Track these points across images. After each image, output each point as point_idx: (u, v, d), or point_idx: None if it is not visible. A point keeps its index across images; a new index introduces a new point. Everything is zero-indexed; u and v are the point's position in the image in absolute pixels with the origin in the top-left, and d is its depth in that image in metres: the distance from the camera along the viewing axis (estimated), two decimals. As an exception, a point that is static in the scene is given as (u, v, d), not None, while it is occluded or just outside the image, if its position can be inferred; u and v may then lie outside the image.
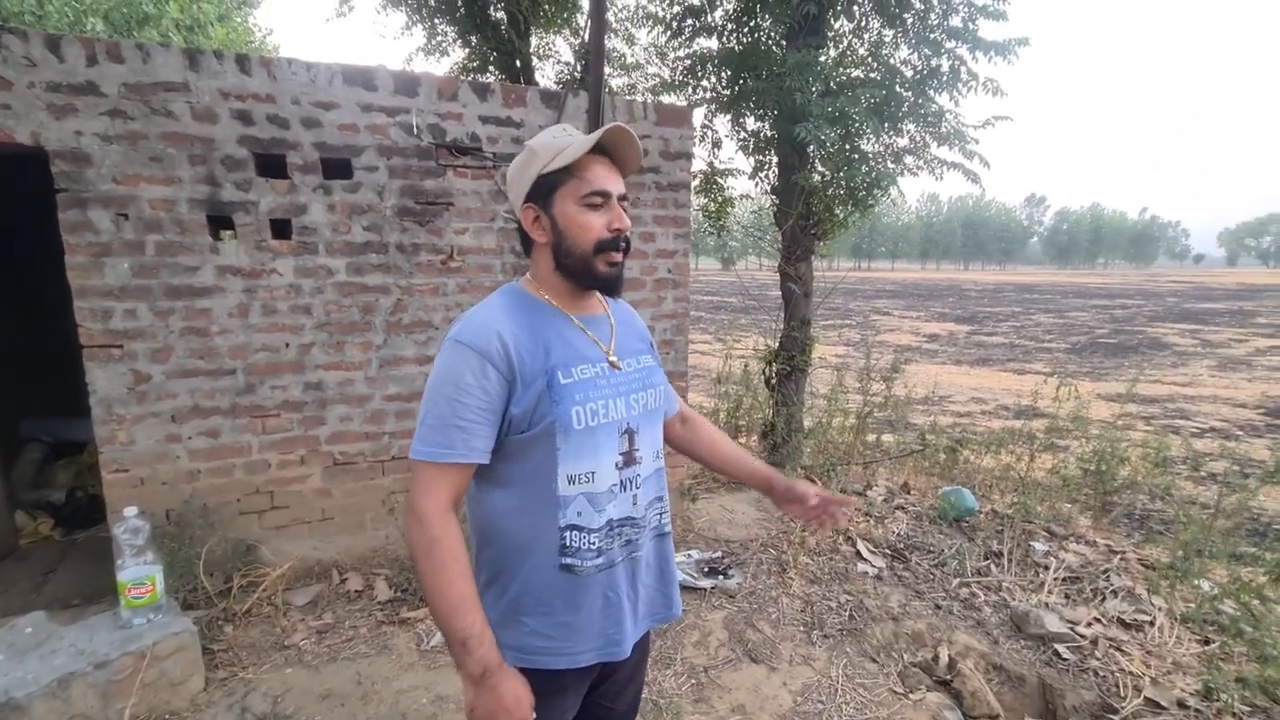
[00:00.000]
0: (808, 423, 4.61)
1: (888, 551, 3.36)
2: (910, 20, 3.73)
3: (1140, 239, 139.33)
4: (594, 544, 1.09)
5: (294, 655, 2.37)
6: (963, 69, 3.66)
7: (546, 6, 5.74)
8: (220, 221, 2.63)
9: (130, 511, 2.12)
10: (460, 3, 5.43)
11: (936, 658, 2.52)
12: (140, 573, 2.08)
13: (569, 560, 1.08)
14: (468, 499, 1.12)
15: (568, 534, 1.08)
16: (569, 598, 1.09)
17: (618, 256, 1.11)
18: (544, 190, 1.09)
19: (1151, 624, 2.78)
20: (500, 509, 1.09)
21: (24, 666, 1.90)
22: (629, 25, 6.02)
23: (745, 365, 5.40)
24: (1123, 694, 2.33)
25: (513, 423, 1.05)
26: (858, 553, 3.31)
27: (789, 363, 4.33)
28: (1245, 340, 15.74)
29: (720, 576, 3.01)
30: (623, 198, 1.11)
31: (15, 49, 2.24)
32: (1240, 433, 7.40)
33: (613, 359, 1.15)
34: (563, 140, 1.08)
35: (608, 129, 1.06)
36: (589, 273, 1.10)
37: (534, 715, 1.04)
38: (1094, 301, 28.82)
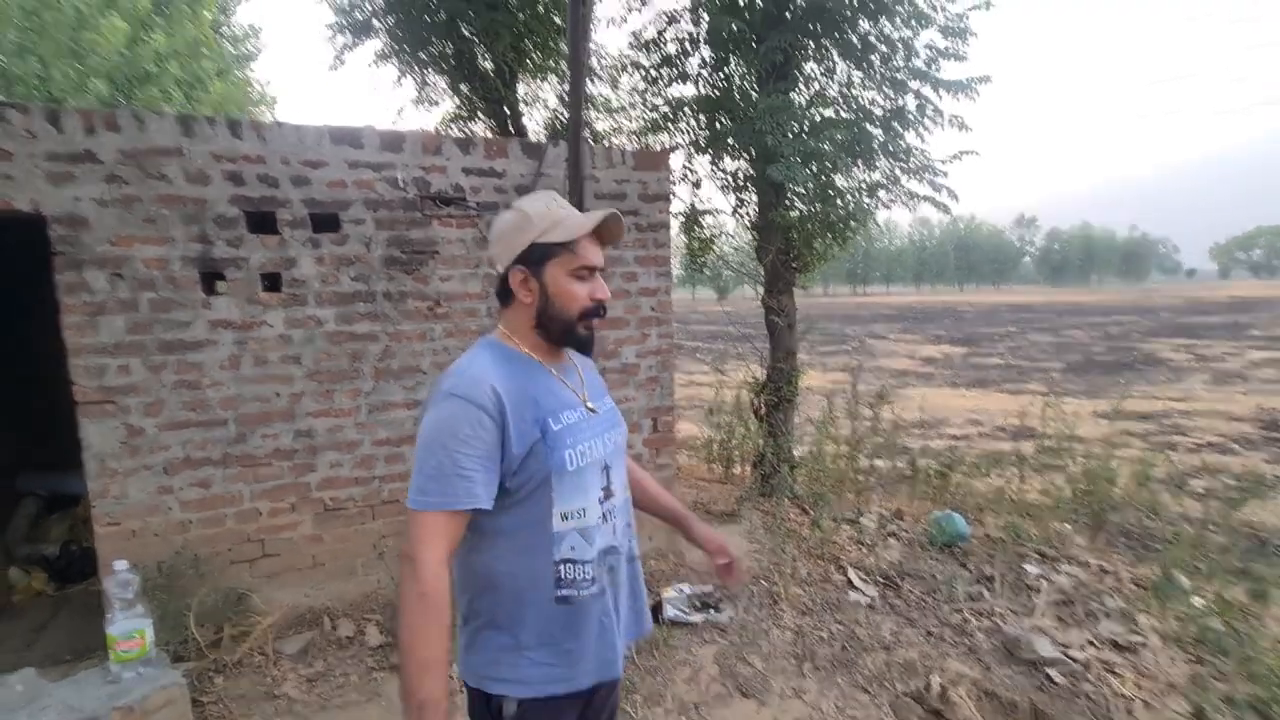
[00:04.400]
0: (798, 452, 4.64)
1: (880, 579, 3.36)
2: (876, 62, 3.90)
3: (1132, 256, 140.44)
4: (589, 574, 1.17)
5: (284, 705, 2.37)
6: (929, 107, 3.81)
7: (533, 55, 5.94)
8: (212, 277, 2.72)
9: (120, 565, 2.14)
10: (450, 54, 5.63)
11: (929, 686, 2.52)
12: (129, 626, 2.09)
13: (565, 591, 1.15)
14: (459, 552, 1.15)
15: (561, 567, 1.15)
16: (569, 626, 1.16)
17: (594, 322, 1.22)
18: (535, 257, 1.17)
19: (1144, 645, 2.77)
20: (499, 555, 1.15)
21: (13, 725, 1.91)
22: (613, 72, 6.23)
23: (737, 395, 5.45)
24: (1115, 718, 2.33)
25: (511, 469, 1.11)
26: (849, 582, 3.32)
27: (776, 394, 4.39)
28: (1239, 354, 15.78)
29: (711, 610, 3.01)
30: (602, 269, 1.22)
31: (16, 122, 2.36)
32: (1237, 446, 7.39)
33: (590, 405, 1.24)
34: (557, 211, 1.17)
35: (606, 217, 1.17)
36: (570, 335, 1.21)
37: None
38: (1089, 319, 28.93)
